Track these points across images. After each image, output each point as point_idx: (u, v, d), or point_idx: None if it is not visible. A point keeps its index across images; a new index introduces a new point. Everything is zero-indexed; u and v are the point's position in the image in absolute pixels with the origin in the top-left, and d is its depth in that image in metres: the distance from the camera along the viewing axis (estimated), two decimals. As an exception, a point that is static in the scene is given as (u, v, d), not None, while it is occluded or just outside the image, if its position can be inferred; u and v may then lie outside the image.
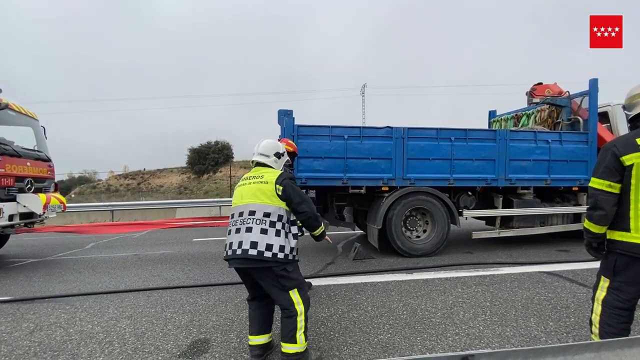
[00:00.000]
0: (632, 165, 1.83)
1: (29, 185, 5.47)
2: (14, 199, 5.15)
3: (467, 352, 0.96)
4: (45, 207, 5.47)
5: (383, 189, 5.28)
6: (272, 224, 2.19)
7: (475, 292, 3.62)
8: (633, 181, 1.84)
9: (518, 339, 2.60)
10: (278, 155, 2.51)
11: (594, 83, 5.60)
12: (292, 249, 2.24)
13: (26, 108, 5.98)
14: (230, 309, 3.34)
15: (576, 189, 5.76)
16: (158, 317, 3.19)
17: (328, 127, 5.09)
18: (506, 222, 5.71)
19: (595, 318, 2.04)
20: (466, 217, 5.59)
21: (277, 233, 2.19)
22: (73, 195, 35.88)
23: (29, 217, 5.52)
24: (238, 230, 2.20)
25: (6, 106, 5.23)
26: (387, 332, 2.74)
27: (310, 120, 5.09)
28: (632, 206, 1.86)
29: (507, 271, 4.38)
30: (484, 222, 6.54)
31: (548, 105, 6.25)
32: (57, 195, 6.16)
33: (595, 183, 1.96)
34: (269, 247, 2.13)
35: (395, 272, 4.49)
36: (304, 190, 5.97)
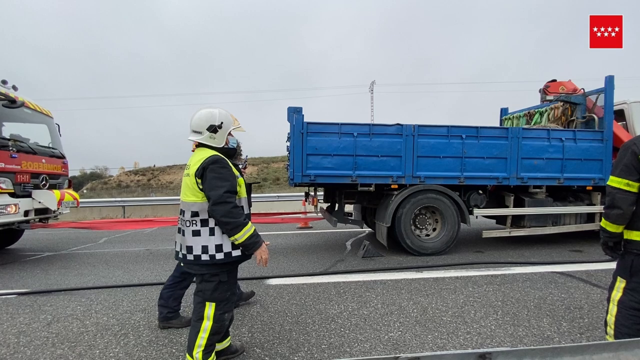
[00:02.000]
0: None
1: (43, 182, 5.60)
2: (29, 195, 5.28)
3: (484, 350, 0.96)
4: (60, 203, 5.60)
5: (392, 186, 5.25)
6: (204, 222, 1.90)
7: (486, 292, 3.60)
8: None
9: (531, 339, 2.58)
10: (213, 129, 1.98)
11: (610, 80, 5.47)
12: (234, 245, 1.92)
13: (41, 106, 6.11)
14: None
15: (590, 188, 5.65)
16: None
17: (337, 124, 5.08)
18: (517, 221, 5.63)
19: (611, 319, 2.01)
20: (476, 216, 5.53)
21: (212, 232, 1.90)
22: (85, 191, 36.58)
23: (43, 213, 5.65)
24: (179, 231, 2.01)
25: (22, 104, 5.35)
26: (397, 330, 2.75)
27: (317, 118, 5.08)
28: None
29: (518, 271, 4.33)
30: (494, 221, 6.47)
31: (562, 103, 6.13)
32: (71, 191, 6.29)
33: (614, 181, 1.94)
34: (204, 249, 1.88)
35: (405, 270, 4.48)
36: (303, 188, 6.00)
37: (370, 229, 7.17)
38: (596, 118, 5.73)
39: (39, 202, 5.36)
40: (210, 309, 1.93)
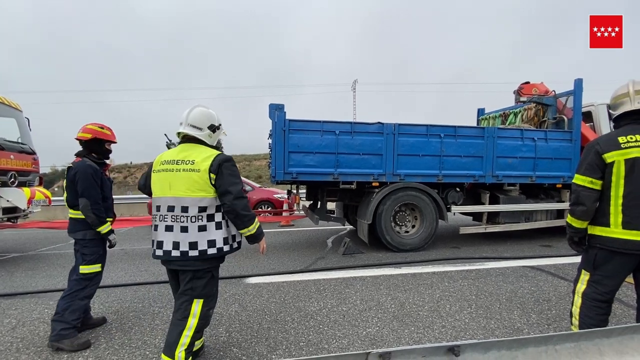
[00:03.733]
0: (613, 162, 1.91)
1: (12, 179, 5.30)
2: (-4, 193, 4.99)
3: (452, 343, 0.98)
4: (30, 201, 5.32)
5: (373, 184, 5.31)
6: (211, 217, 1.91)
7: (461, 286, 3.70)
8: (613, 178, 1.92)
9: (502, 331, 2.67)
10: (213, 128, 2.05)
11: (578, 83, 5.73)
12: (234, 236, 2.03)
13: (9, 99, 5.77)
14: (219, 303, 3.31)
15: (560, 185, 5.91)
16: (145, 312, 3.15)
17: (319, 122, 5.08)
18: (492, 217, 5.82)
19: (576, 310, 2.12)
20: (454, 213, 5.67)
21: (218, 225, 1.93)
22: (57, 189, 34.96)
23: (12, 212, 5.36)
24: (170, 228, 1.90)
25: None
26: (375, 325, 2.78)
27: (300, 116, 5.07)
28: (612, 202, 1.93)
29: (492, 265, 4.48)
30: (471, 217, 6.67)
31: (535, 104, 6.38)
32: (42, 189, 5.99)
33: (578, 179, 2.03)
34: (211, 243, 1.90)
35: (384, 266, 4.54)
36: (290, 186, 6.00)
37: (352, 227, 7.22)
38: (566, 119, 5.99)
39: (8, 201, 5.08)
40: (197, 306, 1.95)
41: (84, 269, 2.64)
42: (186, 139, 2.04)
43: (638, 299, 1.99)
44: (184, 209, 1.88)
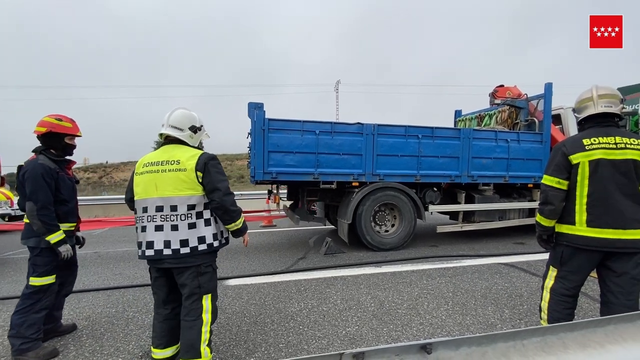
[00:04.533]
0: (578, 163, 2.00)
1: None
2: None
3: (425, 341, 1.00)
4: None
5: (353, 184, 5.35)
6: (200, 215, 1.95)
7: (439, 284, 3.79)
8: (578, 178, 2.01)
9: (477, 327, 2.76)
10: (194, 129, 2.09)
11: (548, 87, 6.00)
12: (222, 232, 2.08)
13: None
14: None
15: (531, 185, 6.16)
16: (119, 317, 3.04)
17: (300, 121, 5.06)
18: (468, 216, 6.00)
19: (544, 305, 2.21)
20: (432, 212, 5.80)
21: (207, 222, 1.98)
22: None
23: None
24: (160, 228, 1.90)
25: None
26: (355, 325, 2.81)
27: (282, 116, 5.04)
28: (577, 201, 2.03)
29: (468, 263, 4.62)
30: (448, 216, 6.84)
31: (508, 107, 6.62)
32: (3, 190, 5.66)
33: (547, 180, 2.12)
34: (201, 239, 1.94)
35: (365, 265, 4.59)
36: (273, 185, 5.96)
37: (333, 226, 7.25)
38: (537, 121, 6.26)
39: None
40: (207, 301, 1.99)
41: (35, 281, 2.38)
42: (168, 140, 2.08)
43: (602, 293, 2.11)
44: (173, 208, 1.91)
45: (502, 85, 6.87)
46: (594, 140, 1.99)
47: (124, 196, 2.26)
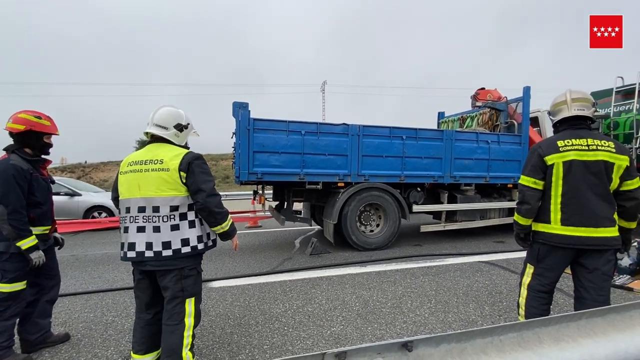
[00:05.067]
0: (553, 164, 2.08)
1: None
2: None
3: (406, 339, 1.02)
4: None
5: (339, 184, 5.37)
6: (183, 216, 1.90)
7: (422, 282, 3.86)
8: (553, 179, 2.09)
9: (458, 324, 2.82)
10: (180, 128, 2.04)
11: (527, 90, 6.21)
12: (208, 235, 2.04)
13: None
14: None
15: (510, 185, 6.36)
16: (97, 322, 2.95)
17: (285, 122, 5.05)
18: (451, 216, 6.13)
19: (522, 301, 2.29)
20: (415, 212, 5.89)
21: (192, 224, 1.93)
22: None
23: None
24: (142, 229, 1.86)
25: None
26: (340, 324, 2.82)
27: (268, 116, 5.02)
28: (552, 201, 2.11)
29: (451, 261, 4.72)
30: (431, 216, 6.97)
31: (489, 109, 6.81)
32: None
33: (524, 180, 2.20)
34: (185, 242, 1.89)
35: (350, 265, 4.62)
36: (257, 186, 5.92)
37: (319, 227, 7.26)
38: (516, 123, 6.46)
39: None
40: (190, 305, 1.94)
41: (4, 288, 2.24)
42: (154, 139, 2.03)
43: (575, 288, 2.20)
44: (155, 209, 1.87)
45: (483, 88, 7.04)
46: (568, 142, 2.08)
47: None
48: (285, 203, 6.00)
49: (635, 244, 3.79)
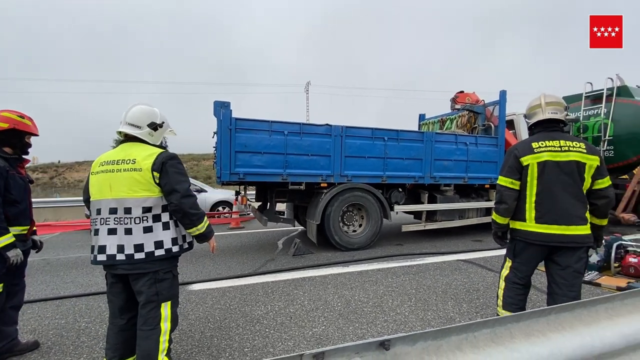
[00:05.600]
0: (528, 165, 2.18)
1: None
2: None
3: (383, 338, 1.03)
4: None
5: (322, 185, 5.39)
6: (157, 218, 1.85)
7: (403, 281, 3.92)
8: (528, 179, 2.19)
9: (437, 321, 2.89)
10: (154, 127, 1.98)
11: (503, 94, 6.43)
12: (184, 237, 1.99)
13: None
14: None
15: (488, 186, 6.56)
16: (69, 328, 2.83)
17: (268, 122, 5.01)
18: (431, 216, 6.26)
19: (500, 292, 2.42)
20: (397, 212, 5.98)
21: (166, 226, 1.87)
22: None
23: None
24: (113, 231, 1.80)
25: None
26: (321, 325, 2.82)
27: (252, 116, 4.97)
28: (527, 200, 2.21)
29: (431, 260, 4.81)
30: (412, 216, 7.10)
31: (467, 112, 7.00)
32: None
33: (501, 180, 2.29)
34: (158, 244, 1.83)
35: (333, 265, 4.63)
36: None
37: (302, 227, 7.25)
38: (493, 126, 6.68)
39: None
40: (166, 309, 1.89)
41: None
42: (127, 138, 1.97)
43: (548, 284, 2.30)
44: (127, 210, 1.81)
45: (462, 91, 7.24)
46: (542, 144, 2.17)
47: (77, 198, 2.12)
48: (268, 204, 5.97)
49: (603, 241, 4.00)
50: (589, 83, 7.72)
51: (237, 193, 6.46)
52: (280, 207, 6.34)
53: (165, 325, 1.87)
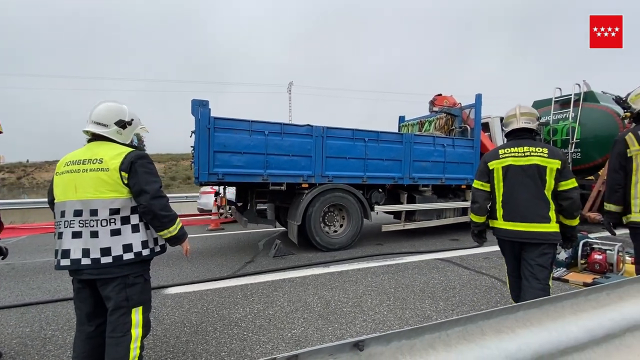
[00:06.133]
0: (494, 169, 2.44)
1: None
2: None
3: (357, 339, 1.03)
4: None
5: (303, 185, 5.37)
6: (125, 220, 1.77)
7: (382, 280, 3.96)
8: (495, 181, 2.43)
9: (415, 320, 2.93)
10: (122, 124, 1.90)
11: (478, 97, 6.64)
12: (156, 240, 1.92)
13: None
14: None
15: (464, 186, 6.75)
16: (35, 337, 2.68)
17: (248, 121, 4.95)
18: (410, 216, 6.38)
19: (508, 286, 2.66)
20: (377, 212, 6.05)
21: (135, 228, 1.80)
22: None
23: None
24: (78, 235, 1.72)
25: None
26: (301, 326, 2.81)
27: (233, 115, 4.90)
28: (496, 200, 2.43)
29: (409, 259, 4.90)
30: (392, 216, 7.20)
31: (445, 114, 7.18)
32: None
33: (475, 183, 2.55)
34: (127, 247, 1.76)
35: (313, 266, 4.63)
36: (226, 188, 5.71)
37: (284, 228, 7.20)
38: (469, 128, 6.88)
39: None
40: (137, 315, 1.82)
41: None
42: (95, 137, 1.89)
43: (522, 279, 2.43)
44: (93, 212, 1.73)
45: (440, 94, 7.43)
46: (507, 150, 2.41)
47: (46, 199, 2.02)
48: (249, 204, 5.89)
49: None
50: (558, 88, 8.10)
51: (217, 194, 6.35)
52: (262, 207, 6.28)
53: (136, 332, 1.80)
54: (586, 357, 1.56)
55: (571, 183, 2.28)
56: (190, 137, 5.08)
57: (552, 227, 2.26)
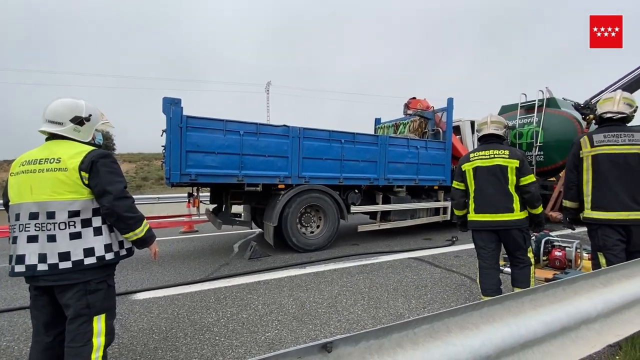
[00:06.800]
0: (465, 170, 2.86)
1: None
2: None
3: (325, 340, 1.04)
4: None
5: (279, 186, 5.33)
6: (87, 222, 1.69)
7: (357, 280, 4.01)
8: (468, 181, 2.86)
9: (388, 318, 2.99)
10: (79, 121, 1.78)
11: (450, 101, 6.88)
12: (121, 243, 1.83)
13: None
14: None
15: (437, 187, 6.96)
16: (-14, 350, 2.49)
17: (222, 121, 4.85)
18: (385, 216, 6.49)
19: (477, 280, 2.94)
20: (353, 213, 6.11)
21: (97, 231, 1.71)
22: None
23: None
24: (34, 239, 1.62)
25: None
26: (275, 329, 2.78)
27: (208, 115, 4.78)
28: (470, 196, 2.86)
29: (384, 259, 4.98)
30: (368, 216, 7.30)
31: (419, 117, 7.38)
32: None
33: (453, 183, 3.09)
34: (88, 252, 1.67)
35: (289, 267, 4.60)
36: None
37: (260, 230, 7.11)
38: (441, 131, 7.10)
39: None
40: (100, 322, 1.73)
41: None
42: (53, 136, 1.78)
43: (511, 265, 2.90)
44: (50, 215, 1.63)
45: (414, 98, 7.61)
46: (476, 154, 2.87)
47: (1, 201, 1.88)
48: (224, 206, 5.77)
49: (534, 237, 4.42)
50: (523, 94, 8.53)
51: (190, 195, 6.17)
52: (237, 209, 6.17)
53: (98, 341, 1.71)
54: (544, 349, 1.65)
55: (529, 178, 2.69)
56: (162, 136, 4.91)
57: (516, 215, 2.68)
